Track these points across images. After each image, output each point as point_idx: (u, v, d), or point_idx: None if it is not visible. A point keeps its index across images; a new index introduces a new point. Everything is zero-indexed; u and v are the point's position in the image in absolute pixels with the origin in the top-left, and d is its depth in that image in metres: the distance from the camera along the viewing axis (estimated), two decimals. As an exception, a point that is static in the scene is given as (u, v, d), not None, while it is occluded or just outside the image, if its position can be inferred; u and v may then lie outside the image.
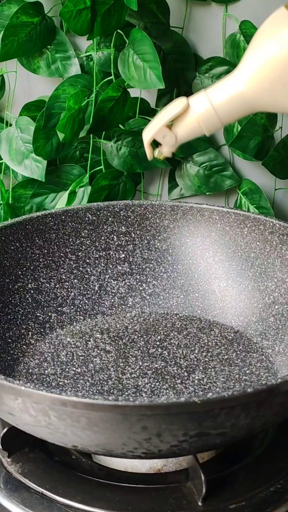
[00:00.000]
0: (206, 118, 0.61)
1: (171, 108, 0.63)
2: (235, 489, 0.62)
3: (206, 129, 0.62)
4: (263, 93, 0.60)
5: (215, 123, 0.62)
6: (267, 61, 0.59)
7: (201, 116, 0.62)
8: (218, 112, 0.61)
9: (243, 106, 0.61)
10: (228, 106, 0.61)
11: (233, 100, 0.61)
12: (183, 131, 0.63)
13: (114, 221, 0.83)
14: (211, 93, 0.62)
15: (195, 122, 0.62)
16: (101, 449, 0.57)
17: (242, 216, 0.80)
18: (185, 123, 0.62)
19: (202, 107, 0.61)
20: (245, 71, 0.61)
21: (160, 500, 0.61)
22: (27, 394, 0.55)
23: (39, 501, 0.62)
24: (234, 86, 0.61)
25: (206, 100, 0.61)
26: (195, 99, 0.62)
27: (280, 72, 0.59)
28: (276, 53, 0.59)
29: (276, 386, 0.55)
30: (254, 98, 0.61)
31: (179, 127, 0.63)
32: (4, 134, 0.98)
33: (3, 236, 0.78)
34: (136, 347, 0.76)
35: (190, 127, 0.62)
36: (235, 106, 0.61)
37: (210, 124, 0.62)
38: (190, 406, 0.53)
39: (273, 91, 0.60)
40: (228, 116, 0.62)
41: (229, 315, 0.79)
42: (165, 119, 0.63)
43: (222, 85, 0.62)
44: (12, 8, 0.93)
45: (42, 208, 1.00)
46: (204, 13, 0.93)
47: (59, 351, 0.75)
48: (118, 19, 0.89)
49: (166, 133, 0.63)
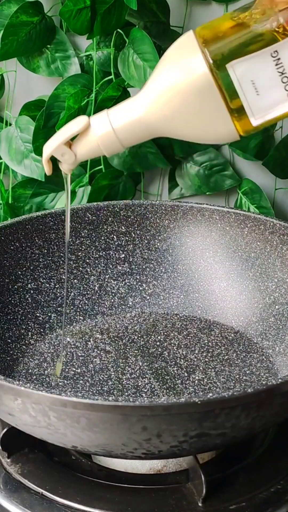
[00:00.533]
0: (106, 140, 0.60)
1: (71, 126, 0.61)
2: (236, 490, 0.62)
3: (106, 151, 0.61)
4: (163, 120, 0.58)
5: (115, 145, 0.60)
6: (168, 88, 0.57)
7: (101, 138, 0.60)
8: (119, 135, 0.59)
9: (143, 130, 0.59)
10: (129, 130, 0.59)
11: (133, 124, 0.59)
12: (83, 150, 0.61)
13: (114, 221, 0.83)
14: (113, 114, 0.60)
15: (94, 143, 0.60)
16: (101, 449, 0.57)
17: (242, 216, 0.80)
18: (85, 143, 0.61)
19: (102, 129, 0.60)
20: (147, 95, 0.59)
21: (160, 500, 0.61)
22: (26, 395, 0.55)
23: (38, 502, 0.62)
24: (135, 110, 0.59)
25: (107, 122, 0.60)
26: (96, 119, 0.60)
27: (180, 101, 0.57)
28: (180, 80, 0.57)
29: (276, 387, 0.55)
30: (156, 124, 0.59)
31: (79, 146, 0.61)
32: (4, 133, 0.98)
33: (3, 236, 0.78)
34: (136, 347, 0.75)
35: (89, 147, 0.61)
36: (136, 131, 0.59)
37: (110, 146, 0.60)
38: (190, 407, 0.53)
39: (173, 119, 0.58)
40: (128, 139, 0.60)
41: (229, 315, 0.79)
42: (63, 137, 0.61)
43: (124, 108, 0.60)
44: (12, 7, 0.93)
45: (42, 208, 1.00)
46: (204, 12, 0.93)
47: (59, 351, 0.75)
48: (118, 19, 0.89)
49: (65, 151, 0.61)
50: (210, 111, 0.57)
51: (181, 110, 0.57)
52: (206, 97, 0.56)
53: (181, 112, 0.57)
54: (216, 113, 0.57)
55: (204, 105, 0.57)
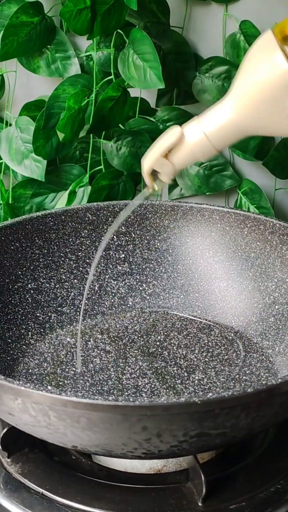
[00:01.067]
0: (200, 147, 0.62)
1: (166, 138, 0.63)
2: (236, 490, 0.62)
3: (202, 157, 0.62)
4: (254, 119, 0.60)
5: (210, 150, 0.62)
6: (256, 87, 0.59)
7: (195, 146, 0.62)
8: (211, 140, 0.61)
9: (235, 132, 0.61)
10: (221, 133, 0.61)
11: (225, 127, 0.61)
12: (180, 159, 0.63)
13: (114, 221, 0.83)
14: (204, 121, 0.62)
15: (190, 151, 0.62)
16: (101, 449, 0.57)
17: (242, 216, 0.80)
18: (181, 152, 0.62)
19: (195, 137, 0.62)
20: (235, 97, 0.60)
21: (160, 500, 0.61)
22: (27, 394, 0.55)
23: (39, 502, 0.62)
24: (225, 113, 0.61)
25: (199, 129, 0.61)
26: (189, 129, 0.62)
27: (269, 99, 0.59)
28: (264, 80, 0.58)
29: (276, 386, 0.55)
30: (246, 124, 0.61)
31: (175, 156, 0.63)
32: (4, 134, 0.98)
33: (3, 236, 0.78)
34: (136, 347, 0.76)
35: (186, 156, 0.62)
36: (228, 133, 0.61)
37: (205, 152, 0.62)
38: (190, 406, 0.53)
39: (264, 117, 0.60)
40: (221, 143, 0.62)
41: (229, 315, 0.79)
42: (160, 149, 0.63)
43: (214, 112, 0.62)
44: (12, 7, 0.93)
45: (42, 208, 1.00)
46: (204, 12, 0.93)
47: (59, 351, 0.75)
48: (118, 19, 0.89)
49: (164, 163, 0.63)
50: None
51: (268, 108, 0.59)
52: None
53: (268, 110, 0.59)
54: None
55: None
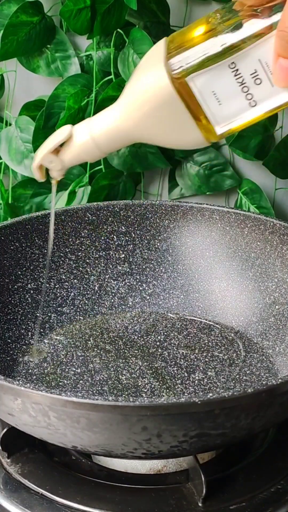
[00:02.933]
0: (86, 148, 0.62)
1: (55, 136, 0.63)
2: (236, 490, 0.62)
3: (88, 158, 0.63)
4: (139, 127, 0.60)
5: (95, 153, 0.62)
6: (141, 97, 0.59)
7: (81, 147, 0.62)
8: (98, 143, 0.61)
9: (122, 138, 0.61)
10: (107, 137, 0.61)
11: (111, 132, 0.61)
12: (68, 157, 0.63)
13: (114, 221, 0.83)
14: (92, 123, 0.62)
15: (76, 151, 0.63)
16: (101, 449, 0.57)
17: (242, 216, 0.80)
18: (69, 150, 0.63)
19: (82, 138, 0.62)
20: (122, 103, 0.60)
21: (160, 500, 0.61)
22: (26, 395, 0.55)
23: (38, 502, 0.62)
24: (112, 118, 0.61)
25: (87, 131, 0.62)
26: (78, 129, 0.62)
27: (149, 110, 0.58)
28: (147, 91, 0.58)
29: (276, 387, 0.55)
30: (132, 132, 0.60)
31: (64, 153, 0.63)
32: (4, 133, 0.98)
33: (3, 236, 0.78)
34: (136, 347, 0.75)
35: (73, 155, 0.63)
36: (114, 138, 0.61)
37: (91, 154, 0.62)
38: (190, 407, 0.53)
39: (145, 127, 0.60)
40: (107, 146, 0.62)
41: (229, 315, 0.79)
42: (49, 146, 0.63)
43: (102, 116, 0.62)
44: (12, 7, 0.93)
45: (42, 208, 1.00)
46: (204, 12, 0.93)
47: (58, 351, 0.75)
48: (118, 19, 0.89)
49: (52, 159, 0.64)
50: (177, 120, 0.58)
51: (151, 118, 0.59)
52: (171, 107, 0.58)
53: (151, 121, 0.59)
54: (182, 122, 0.58)
55: (170, 115, 0.58)
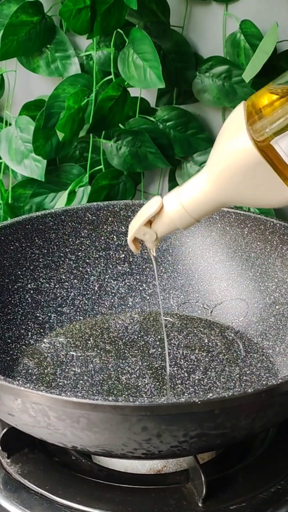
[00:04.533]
0: (179, 217, 0.63)
1: (147, 208, 0.64)
2: (236, 490, 0.62)
3: (181, 226, 0.64)
4: (228, 193, 0.61)
5: (189, 220, 0.63)
6: (225, 163, 0.60)
7: (174, 216, 0.63)
8: (189, 211, 0.62)
9: (212, 204, 0.62)
10: (197, 205, 0.62)
11: (201, 199, 0.62)
12: (161, 228, 0.64)
13: (114, 221, 0.83)
14: (182, 192, 0.63)
15: (169, 221, 0.64)
16: (101, 449, 0.57)
17: (242, 216, 0.80)
18: (162, 221, 0.64)
19: (173, 207, 0.63)
20: (209, 171, 0.61)
21: (160, 501, 0.61)
22: (26, 395, 0.55)
23: (38, 502, 0.62)
24: (201, 186, 0.62)
25: (177, 200, 0.63)
26: (168, 199, 0.63)
27: (238, 176, 0.59)
28: (231, 157, 0.59)
29: (276, 387, 0.55)
30: (221, 197, 0.61)
31: (157, 224, 0.64)
32: (4, 133, 0.98)
33: (3, 236, 0.78)
34: (136, 347, 0.75)
35: (166, 225, 0.64)
36: (204, 205, 0.62)
37: (184, 222, 0.63)
38: (190, 407, 0.53)
39: (238, 191, 0.60)
40: (199, 213, 0.63)
41: (229, 315, 0.79)
42: (142, 219, 0.64)
43: (191, 184, 0.63)
44: (12, 7, 0.93)
45: (42, 208, 1.00)
46: (204, 12, 0.93)
47: (58, 351, 0.74)
48: (118, 18, 0.89)
49: (146, 231, 0.65)
50: (265, 182, 0.59)
51: (240, 185, 0.60)
52: (259, 171, 0.59)
53: (240, 187, 0.60)
54: (271, 183, 0.59)
55: (259, 178, 0.59)
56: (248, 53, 0.89)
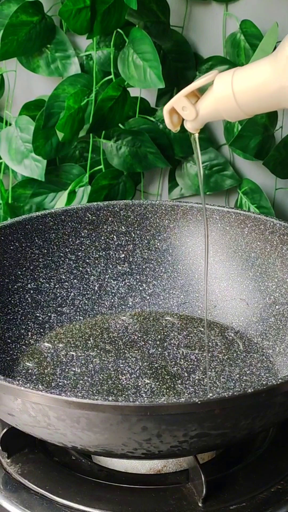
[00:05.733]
0: (225, 103, 0.54)
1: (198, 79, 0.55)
2: (236, 490, 0.62)
3: (227, 116, 0.55)
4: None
5: (236, 112, 0.54)
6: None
7: (220, 100, 0.54)
8: (239, 101, 0.53)
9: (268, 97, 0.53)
10: (251, 96, 0.53)
11: (258, 88, 0.53)
12: (205, 109, 0.55)
13: (114, 221, 0.83)
14: (237, 75, 0.53)
15: (214, 104, 0.55)
16: (101, 449, 0.57)
17: (242, 216, 0.80)
18: (207, 102, 0.55)
19: (223, 91, 0.53)
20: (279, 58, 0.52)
21: (160, 501, 0.61)
22: (26, 395, 0.55)
23: (38, 502, 0.62)
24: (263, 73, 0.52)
25: (229, 81, 0.53)
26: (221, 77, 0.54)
27: None
28: None
29: (276, 387, 0.55)
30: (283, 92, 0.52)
31: (202, 104, 0.55)
32: (4, 133, 0.98)
33: (3, 236, 0.78)
34: (136, 347, 0.75)
35: (210, 107, 0.55)
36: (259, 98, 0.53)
37: (230, 112, 0.54)
38: (190, 407, 0.53)
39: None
40: (250, 107, 0.53)
41: (229, 315, 0.79)
42: (187, 89, 0.56)
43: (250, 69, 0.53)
44: (12, 7, 0.93)
45: (42, 207, 1.00)
46: (205, 12, 0.93)
47: (58, 351, 0.74)
48: (118, 18, 0.89)
49: (187, 105, 0.56)
50: None
51: None
52: None
53: None
54: None
55: None
56: (248, 53, 0.89)
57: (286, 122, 0.94)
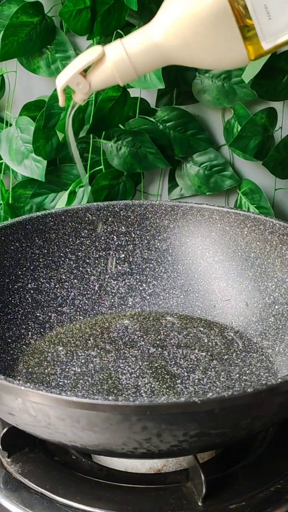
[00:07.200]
0: (120, 66, 0.60)
1: (86, 55, 0.62)
2: (235, 489, 0.62)
3: (120, 78, 0.61)
4: (179, 45, 0.59)
5: (130, 72, 0.61)
6: (184, 13, 0.58)
7: (115, 65, 0.61)
8: (133, 61, 0.60)
9: (158, 57, 0.60)
10: (144, 56, 0.60)
11: (148, 50, 0.60)
12: (97, 78, 0.62)
13: (114, 221, 0.83)
14: (127, 41, 0.61)
15: (109, 70, 0.61)
16: (101, 449, 0.57)
17: (242, 216, 0.80)
18: (100, 71, 0.61)
19: (117, 55, 0.60)
20: (162, 22, 0.59)
21: (160, 500, 0.61)
22: (26, 394, 0.55)
23: (39, 501, 0.62)
24: (151, 37, 0.60)
25: (121, 48, 0.60)
26: (111, 47, 0.61)
27: (196, 25, 0.58)
28: (194, 5, 0.58)
29: (276, 386, 0.55)
30: (170, 51, 0.60)
31: (93, 74, 0.62)
32: (4, 134, 0.98)
33: (3, 236, 0.78)
34: (136, 347, 0.76)
35: (104, 75, 0.61)
36: (151, 57, 0.60)
37: (124, 73, 0.61)
38: (190, 406, 0.53)
39: (188, 43, 0.59)
40: (142, 66, 0.61)
41: (229, 315, 0.79)
42: (79, 66, 0.61)
43: (139, 35, 0.61)
44: (12, 8, 0.93)
45: (42, 208, 1.00)
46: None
47: (58, 351, 0.75)
48: (118, 19, 0.89)
49: (80, 81, 0.62)
50: (224, 34, 0.58)
51: (197, 34, 0.58)
52: (221, 21, 0.57)
53: (196, 36, 0.58)
54: (229, 37, 0.58)
55: (219, 29, 0.58)
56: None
57: (286, 122, 0.94)
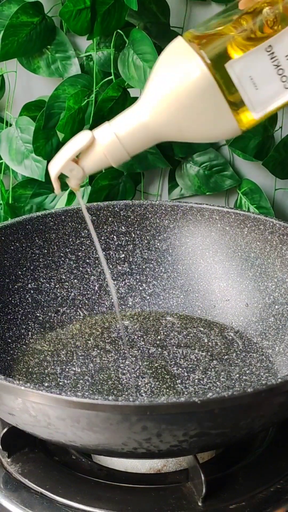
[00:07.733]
0: (112, 150, 0.61)
1: (75, 142, 0.62)
2: (235, 489, 0.62)
3: (113, 161, 0.61)
4: (166, 124, 0.59)
5: (122, 154, 0.61)
6: (170, 92, 0.58)
7: (107, 148, 0.61)
8: (123, 143, 0.60)
9: (148, 136, 0.60)
10: (133, 137, 0.60)
11: (138, 131, 0.60)
12: (90, 163, 0.62)
13: (114, 221, 0.83)
14: (115, 124, 0.61)
15: (101, 154, 0.61)
16: (101, 449, 0.57)
17: (242, 216, 0.80)
18: (92, 156, 0.61)
19: (107, 140, 0.60)
20: (148, 101, 0.60)
21: (160, 500, 0.61)
22: (27, 394, 0.55)
23: (39, 501, 0.62)
24: (138, 117, 0.60)
25: (110, 132, 0.60)
26: (100, 131, 0.61)
27: (183, 103, 0.58)
28: (178, 85, 0.58)
29: (276, 386, 0.55)
30: (159, 129, 0.60)
31: (85, 160, 0.62)
32: (4, 134, 0.98)
33: (3, 236, 0.78)
34: (136, 347, 0.76)
35: (97, 159, 0.61)
36: (141, 137, 0.60)
37: (117, 155, 0.61)
38: (190, 406, 0.53)
39: (177, 121, 0.59)
40: (134, 146, 0.61)
41: (229, 315, 0.79)
42: (70, 153, 0.62)
43: (126, 116, 0.61)
44: (12, 8, 0.93)
45: (42, 208, 1.00)
46: (204, 13, 0.93)
47: (58, 351, 0.75)
48: (118, 19, 0.89)
49: (73, 167, 0.62)
50: (212, 109, 0.58)
51: (185, 112, 0.59)
52: (208, 96, 0.58)
53: (184, 114, 0.59)
54: (218, 111, 0.58)
55: (206, 104, 0.58)
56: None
57: (286, 122, 0.94)
